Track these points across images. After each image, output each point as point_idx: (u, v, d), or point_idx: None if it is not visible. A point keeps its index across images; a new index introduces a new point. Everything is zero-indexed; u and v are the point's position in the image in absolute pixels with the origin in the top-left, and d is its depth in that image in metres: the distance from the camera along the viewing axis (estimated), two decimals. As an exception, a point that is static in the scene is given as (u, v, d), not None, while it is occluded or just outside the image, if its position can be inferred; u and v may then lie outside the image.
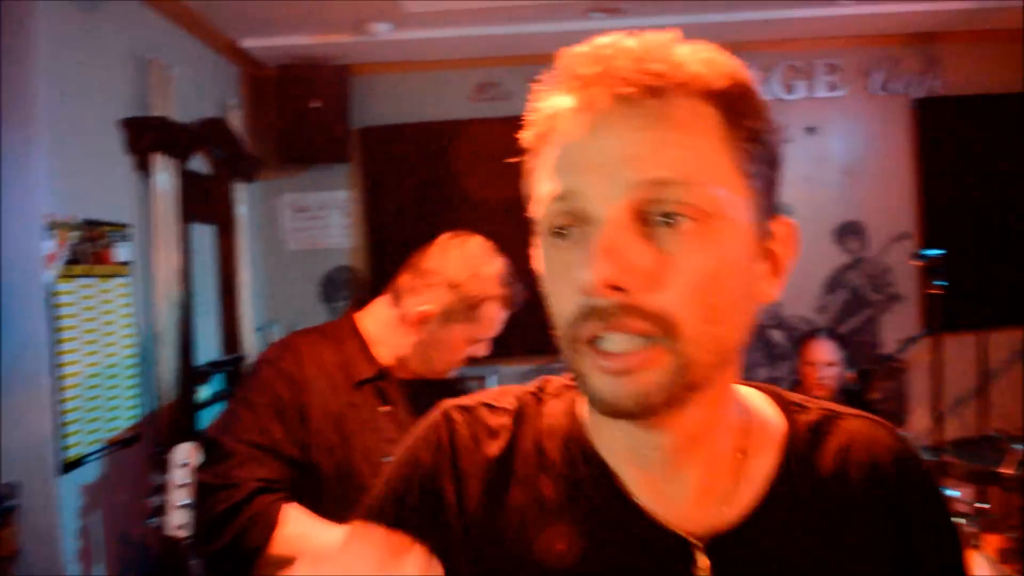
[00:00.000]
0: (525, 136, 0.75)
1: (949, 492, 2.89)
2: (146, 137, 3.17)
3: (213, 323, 3.93)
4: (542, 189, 0.71)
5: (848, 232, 4.63)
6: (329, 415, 1.86)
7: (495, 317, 2.00)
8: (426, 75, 4.59)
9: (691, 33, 0.70)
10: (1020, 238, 4.46)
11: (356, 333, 2.03)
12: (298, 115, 4.23)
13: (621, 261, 0.64)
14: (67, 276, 2.71)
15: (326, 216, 4.62)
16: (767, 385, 0.86)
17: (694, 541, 0.74)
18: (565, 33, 0.73)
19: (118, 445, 2.96)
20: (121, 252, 3.06)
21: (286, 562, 1.60)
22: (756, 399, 0.83)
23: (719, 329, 0.68)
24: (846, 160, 4.65)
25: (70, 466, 2.67)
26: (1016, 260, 4.45)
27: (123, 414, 3.01)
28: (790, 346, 4.59)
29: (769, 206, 0.73)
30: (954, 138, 4.55)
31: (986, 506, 3.19)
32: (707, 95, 0.69)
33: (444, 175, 4.46)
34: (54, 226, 2.65)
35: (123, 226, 3.09)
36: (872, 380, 4.24)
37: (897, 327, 4.57)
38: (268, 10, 3.69)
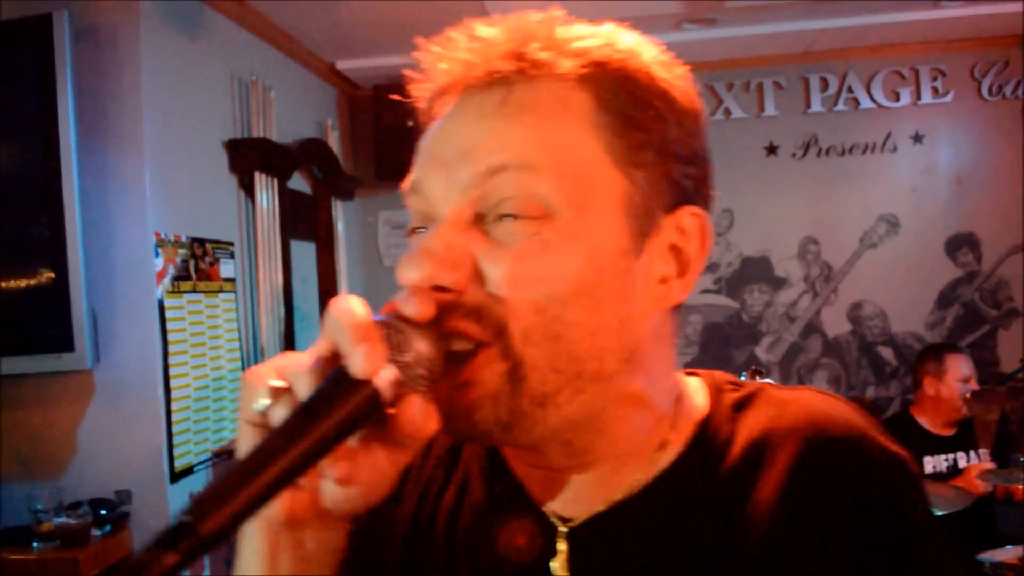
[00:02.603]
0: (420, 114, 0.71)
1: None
2: (248, 157, 3.27)
3: (315, 337, 4.01)
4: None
5: (960, 244, 4.44)
6: None
7: None
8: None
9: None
10: None
11: None
12: (394, 134, 4.30)
13: (438, 259, 0.59)
14: (175, 292, 2.82)
15: (422, 232, 4.68)
16: (711, 371, 0.77)
17: (559, 525, 0.69)
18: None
19: (225, 456, 3.05)
20: (226, 268, 3.17)
21: None
22: (690, 387, 0.74)
23: (562, 328, 0.60)
24: (956, 169, 4.46)
25: (179, 475, 2.77)
26: None
27: (229, 425, 3.10)
28: (899, 364, 4.42)
29: (669, 198, 0.65)
30: (1072, 143, 4.33)
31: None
32: (578, 79, 0.63)
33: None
34: (162, 244, 2.77)
35: (228, 243, 3.20)
36: (992, 400, 4.03)
37: (1016, 344, 4.35)
38: (363, 32, 3.78)
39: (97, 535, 2.55)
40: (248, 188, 3.31)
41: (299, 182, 3.87)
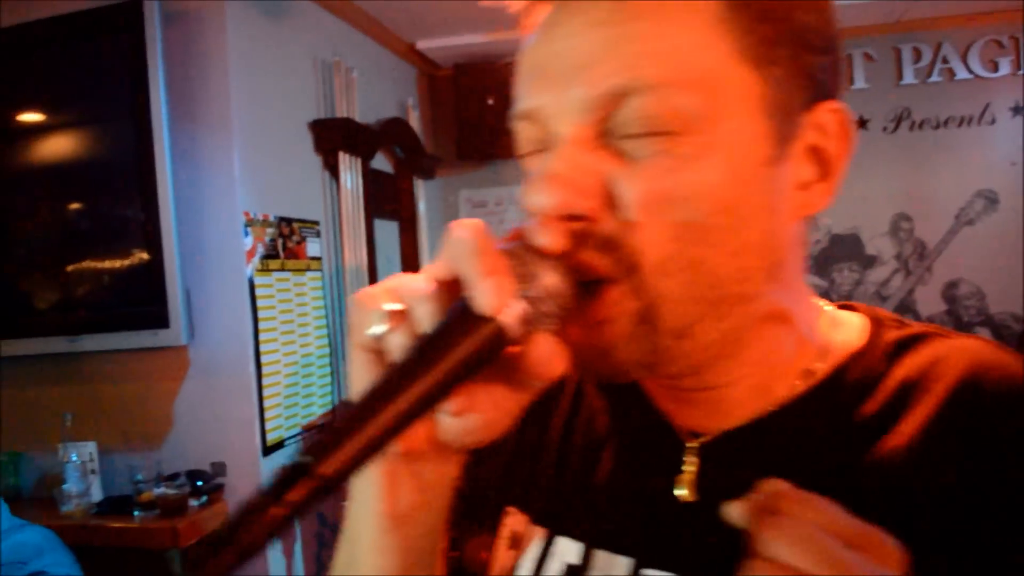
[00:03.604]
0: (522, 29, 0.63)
1: None
2: (332, 137, 3.32)
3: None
4: (516, 103, 0.61)
5: (1063, 220, 4.23)
6: None
7: None
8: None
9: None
10: None
11: None
12: (474, 112, 4.31)
13: (569, 184, 0.54)
14: (264, 270, 2.89)
15: (503, 211, 4.69)
16: (873, 307, 0.70)
17: (688, 440, 0.65)
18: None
19: (314, 430, 3.13)
20: (312, 247, 3.24)
21: None
22: (846, 318, 0.69)
23: (702, 251, 0.55)
24: (1059, 141, 4.25)
25: (271, 449, 2.85)
26: None
27: (318, 401, 3.18)
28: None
29: (806, 95, 0.58)
30: None
31: None
32: None
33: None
34: (251, 223, 2.84)
35: (314, 223, 3.27)
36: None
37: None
38: (443, 11, 3.79)
39: (194, 505, 2.65)
40: (332, 168, 3.37)
41: (381, 162, 3.92)
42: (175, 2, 2.72)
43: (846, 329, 0.67)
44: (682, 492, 0.64)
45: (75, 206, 2.77)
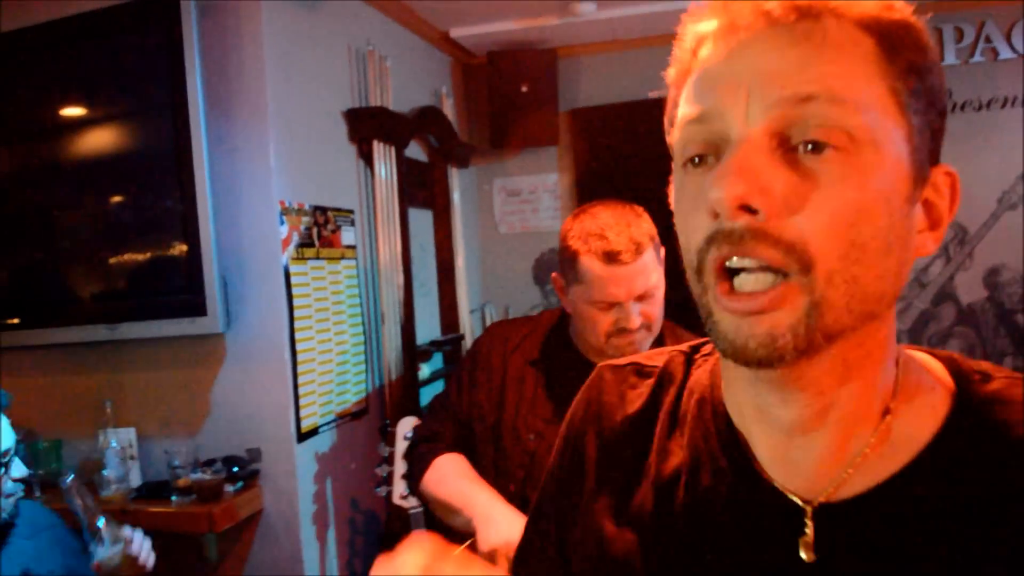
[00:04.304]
0: (669, 72, 0.71)
1: None
2: (367, 126, 3.33)
3: (432, 304, 4.11)
4: (679, 115, 0.68)
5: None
6: (493, 387, 2.07)
7: (596, 271, 1.88)
8: (633, 53, 4.54)
9: None
10: None
11: (555, 317, 2.09)
12: (508, 100, 4.30)
13: (754, 180, 0.60)
14: (300, 259, 2.91)
15: (537, 199, 4.68)
16: (945, 351, 0.76)
17: (804, 506, 0.69)
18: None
19: (348, 417, 3.16)
20: (347, 236, 3.26)
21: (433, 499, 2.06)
22: (922, 360, 0.74)
23: (860, 270, 0.61)
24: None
25: (305, 435, 2.88)
26: None
27: (351, 388, 3.21)
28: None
29: (929, 151, 0.66)
30: None
31: None
32: (862, 22, 0.63)
33: (654, 155, 4.39)
34: (287, 212, 2.86)
35: (348, 211, 3.28)
36: None
37: None
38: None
39: (230, 490, 2.69)
40: (367, 157, 3.38)
41: (416, 150, 3.93)
42: (210, -6, 2.74)
43: (923, 371, 0.72)
44: (805, 556, 0.68)
45: (115, 198, 2.81)
